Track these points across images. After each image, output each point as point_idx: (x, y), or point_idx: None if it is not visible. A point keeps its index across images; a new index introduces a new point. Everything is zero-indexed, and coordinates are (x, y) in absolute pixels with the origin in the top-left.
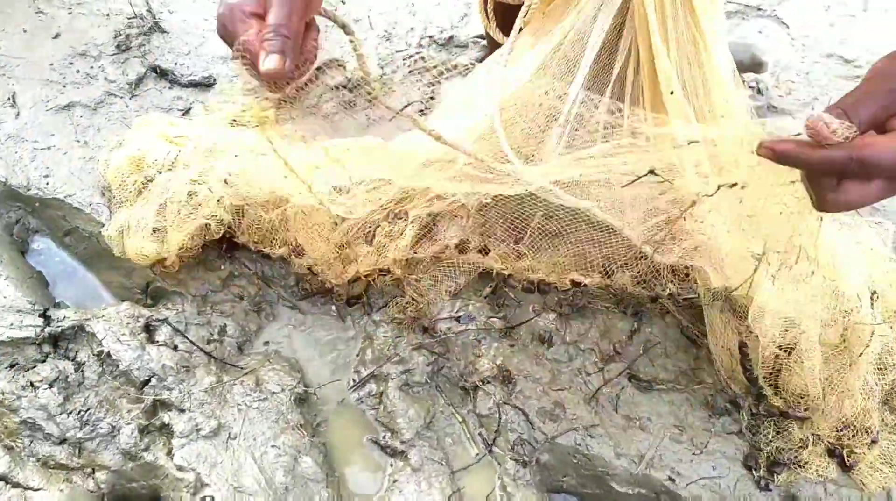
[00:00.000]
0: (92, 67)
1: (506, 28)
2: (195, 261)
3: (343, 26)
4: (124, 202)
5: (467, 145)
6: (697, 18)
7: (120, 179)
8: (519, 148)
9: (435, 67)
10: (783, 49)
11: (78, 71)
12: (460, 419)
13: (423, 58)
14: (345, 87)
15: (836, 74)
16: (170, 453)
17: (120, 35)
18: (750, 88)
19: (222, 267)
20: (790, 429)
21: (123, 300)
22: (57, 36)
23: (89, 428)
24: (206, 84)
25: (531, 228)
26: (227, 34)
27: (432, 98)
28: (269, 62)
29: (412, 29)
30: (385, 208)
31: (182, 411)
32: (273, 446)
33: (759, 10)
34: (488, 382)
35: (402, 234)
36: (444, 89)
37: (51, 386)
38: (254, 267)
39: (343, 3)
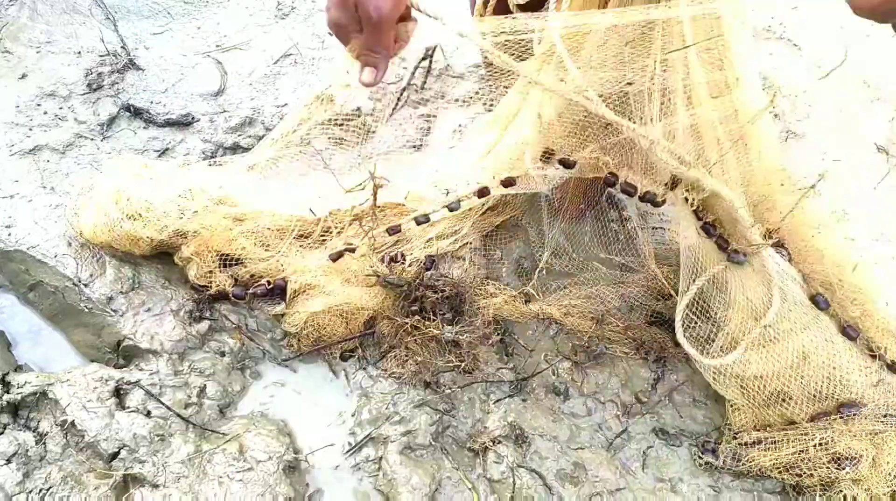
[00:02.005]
0: (61, 108)
1: None
2: (171, 312)
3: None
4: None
5: None
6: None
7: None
8: None
9: (430, 98)
10: (797, 72)
11: (46, 112)
12: (470, 486)
13: (416, 89)
14: (334, 122)
15: (856, 96)
16: None
17: (91, 73)
18: (768, 112)
19: (201, 320)
20: (840, 488)
21: (92, 361)
22: (24, 76)
23: None
24: (184, 123)
25: (539, 268)
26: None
27: (427, 132)
28: (365, 76)
29: (404, 59)
30: (379, 251)
31: (156, 486)
32: None
33: (769, 31)
34: (499, 442)
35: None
36: (440, 122)
37: (8, 462)
38: (236, 319)
39: (322, 42)
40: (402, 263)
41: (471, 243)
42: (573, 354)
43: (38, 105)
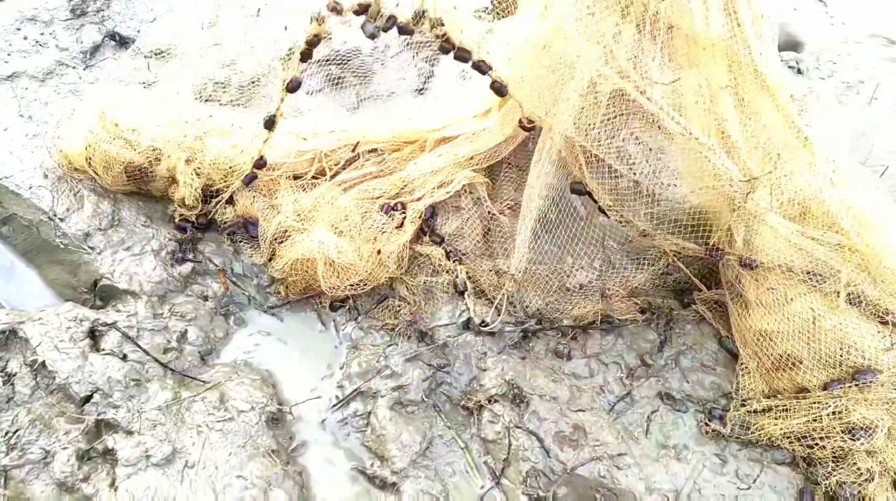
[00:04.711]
0: (42, 34)
1: None
2: (152, 252)
3: None
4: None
5: None
6: None
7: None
8: None
9: (433, 41)
10: (822, 28)
11: (26, 38)
12: (462, 445)
13: (420, 33)
14: (331, 61)
15: (882, 55)
16: (113, 484)
17: None
18: (789, 68)
19: (184, 262)
20: (854, 460)
21: (67, 300)
22: None
23: (18, 453)
24: (172, 54)
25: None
26: None
27: (430, 77)
28: None
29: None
30: (376, 200)
31: (130, 433)
32: (239, 476)
33: None
34: (496, 401)
35: (401, 227)
36: (442, 67)
37: None
38: (221, 262)
39: None
40: (403, 212)
41: (472, 194)
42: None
43: (18, 30)
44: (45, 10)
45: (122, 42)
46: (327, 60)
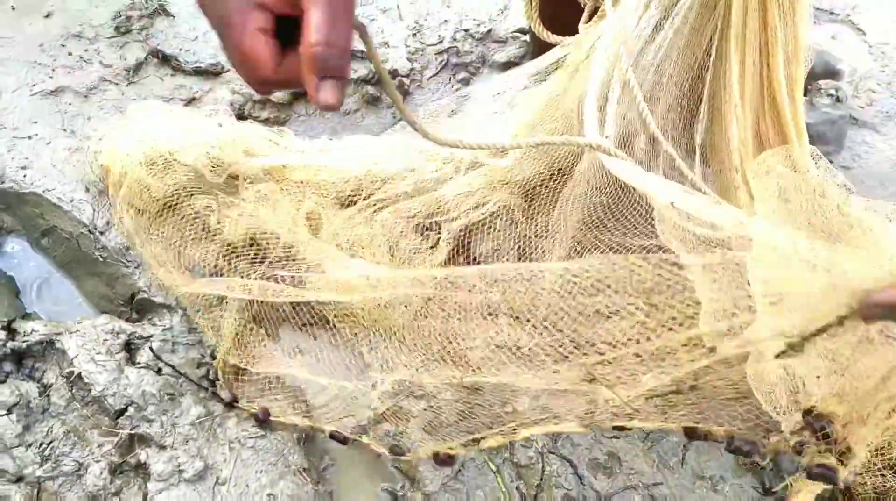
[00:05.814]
0: (86, 50)
1: (553, 24)
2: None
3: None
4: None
5: None
6: None
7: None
8: None
9: (470, 63)
10: (861, 57)
11: (70, 53)
12: (494, 469)
13: (457, 53)
14: (368, 81)
15: None
16: (145, 499)
17: (120, 16)
18: (829, 96)
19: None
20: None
21: (104, 312)
22: (49, 15)
23: (51, 465)
24: (213, 72)
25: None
26: (216, 22)
27: (466, 97)
28: (329, 94)
29: (446, 21)
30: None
31: (163, 448)
32: (269, 494)
33: (832, 14)
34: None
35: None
36: (477, 87)
37: (9, 412)
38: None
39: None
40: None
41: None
42: None
43: (63, 45)
44: (90, 26)
45: (165, 59)
46: (365, 80)
